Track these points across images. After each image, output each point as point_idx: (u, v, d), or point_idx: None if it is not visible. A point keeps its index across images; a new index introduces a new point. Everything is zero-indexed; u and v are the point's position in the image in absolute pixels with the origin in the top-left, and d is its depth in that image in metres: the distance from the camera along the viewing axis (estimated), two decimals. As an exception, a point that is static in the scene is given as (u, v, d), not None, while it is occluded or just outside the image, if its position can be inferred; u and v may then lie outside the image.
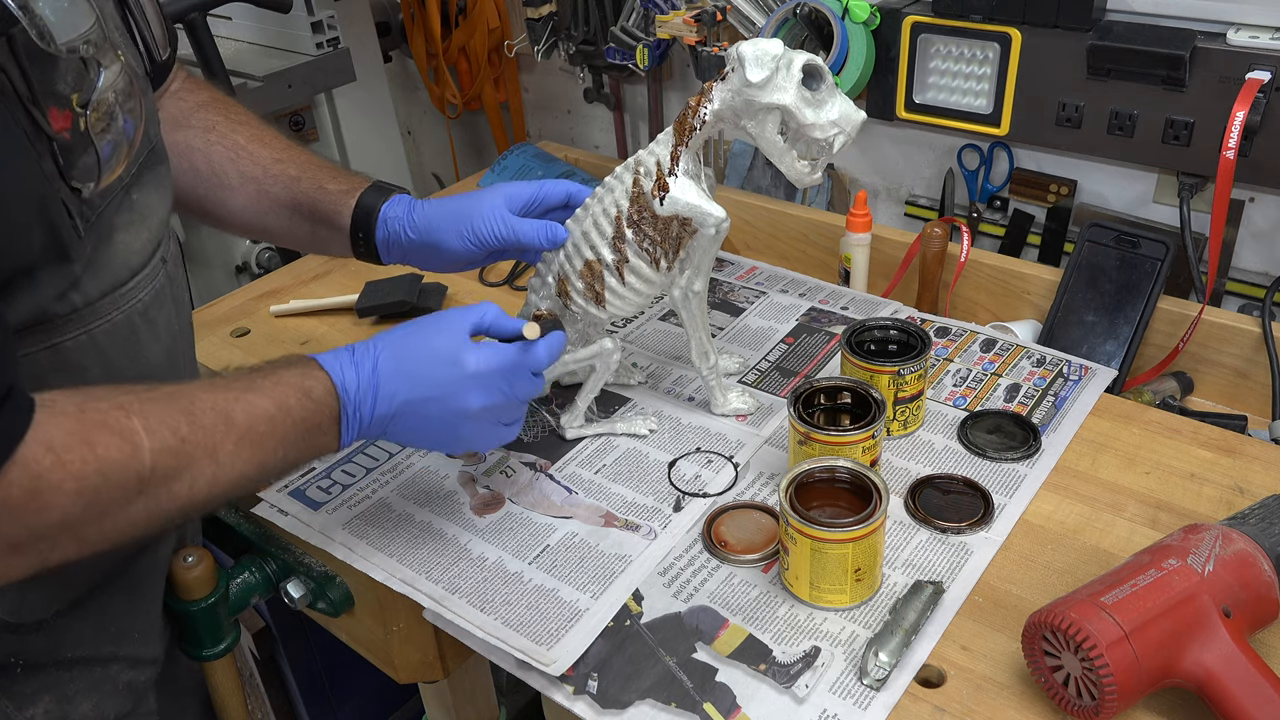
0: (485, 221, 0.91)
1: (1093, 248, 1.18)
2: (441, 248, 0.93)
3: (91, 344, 0.71)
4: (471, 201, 0.93)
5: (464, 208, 0.92)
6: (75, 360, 0.70)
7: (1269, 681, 0.67)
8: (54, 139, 0.62)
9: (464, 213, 0.92)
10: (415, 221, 0.93)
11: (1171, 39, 1.10)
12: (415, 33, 1.87)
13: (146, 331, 0.75)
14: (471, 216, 0.92)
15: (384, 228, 0.94)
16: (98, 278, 0.70)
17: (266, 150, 0.95)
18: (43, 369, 0.68)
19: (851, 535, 0.78)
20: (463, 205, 0.93)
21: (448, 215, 0.92)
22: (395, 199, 0.95)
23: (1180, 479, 0.94)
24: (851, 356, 0.98)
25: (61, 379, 0.69)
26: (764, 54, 0.84)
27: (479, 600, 0.85)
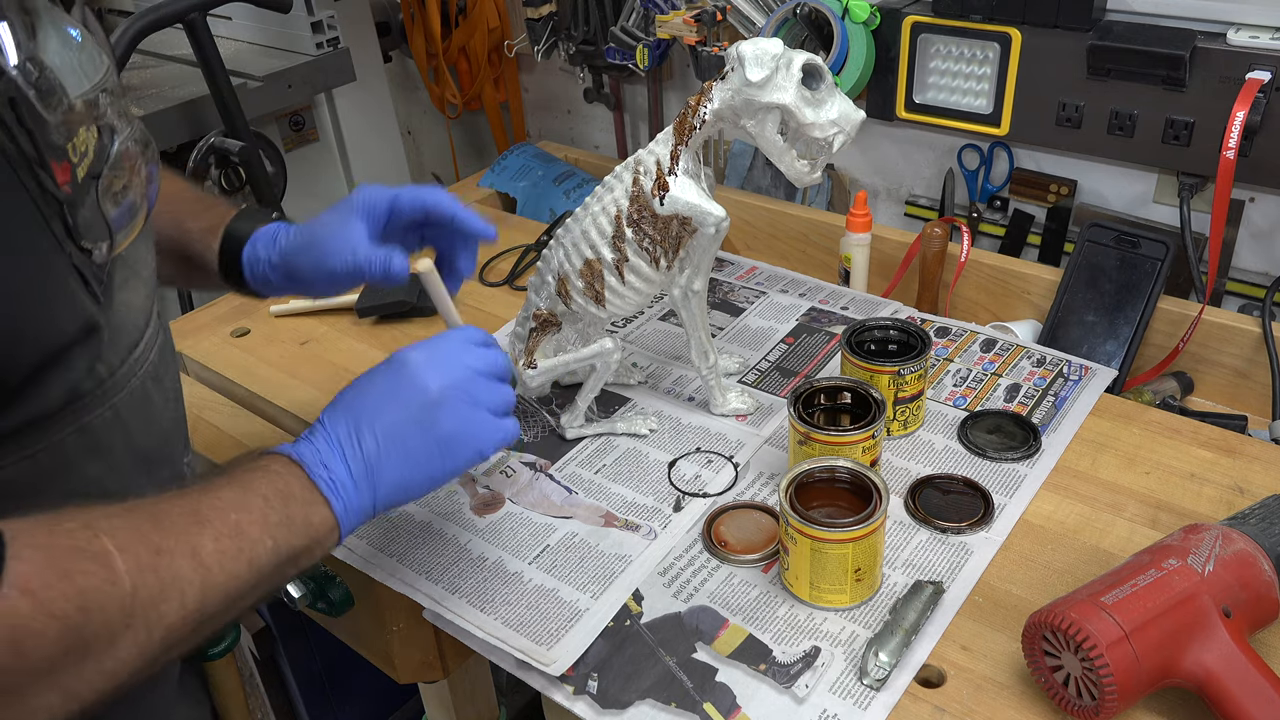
0: (334, 253, 0.81)
1: (1093, 248, 1.18)
2: (304, 282, 0.85)
3: (115, 418, 0.66)
4: (326, 231, 0.83)
5: (319, 239, 0.83)
6: (103, 439, 0.65)
7: (1269, 681, 0.67)
8: (61, 200, 0.57)
9: (317, 242, 0.83)
10: (275, 263, 0.85)
11: (1171, 39, 1.10)
12: (415, 33, 1.87)
13: (158, 394, 0.71)
14: (326, 248, 0.82)
15: (250, 270, 0.86)
16: (116, 344, 0.65)
17: None
18: (72, 454, 0.63)
19: (851, 535, 0.78)
20: (318, 237, 0.83)
21: (304, 249, 0.84)
22: (258, 236, 0.86)
23: (1180, 479, 0.94)
24: (851, 356, 0.98)
25: (91, 462, 0.64)
26: (764, 53, 0.84)
27: (479, 600, 0.85)
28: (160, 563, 0.56)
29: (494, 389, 0.74)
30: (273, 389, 1.16)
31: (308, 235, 0.84)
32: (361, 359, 1.21)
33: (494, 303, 1.31)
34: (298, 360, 1.21)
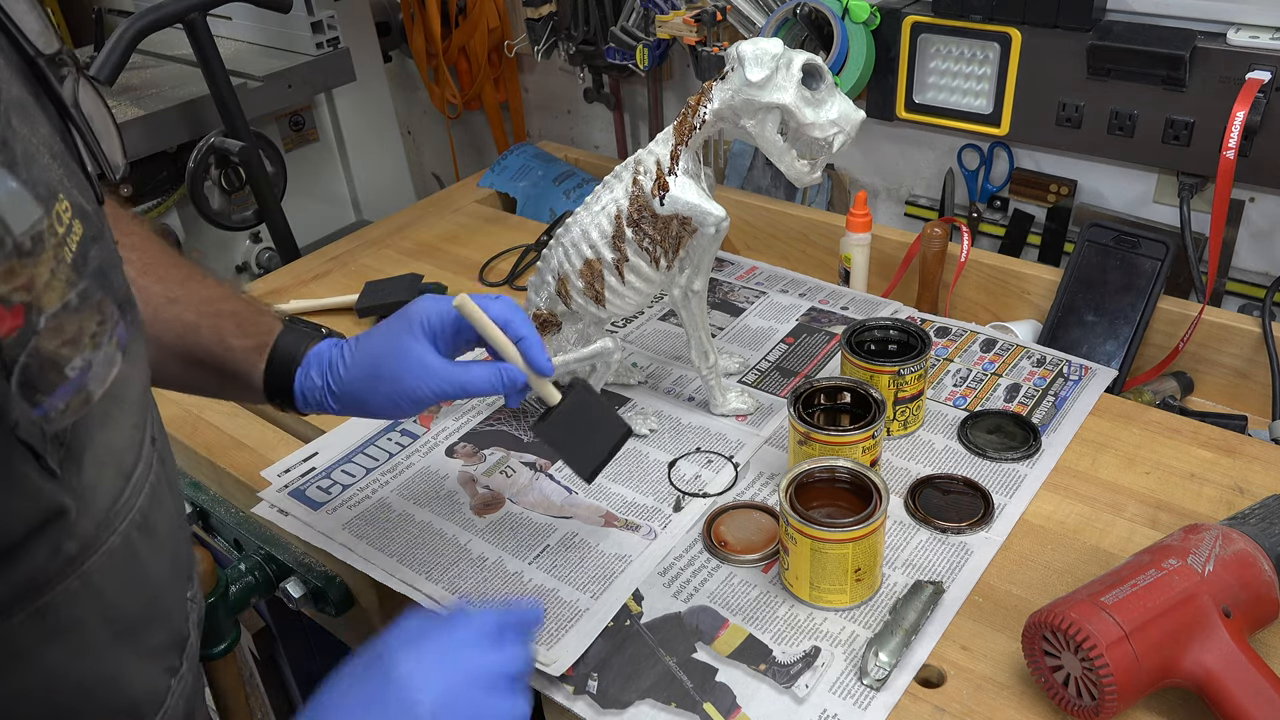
0: (422, 384, 0.75)
1: (1093, 248, 1.18)
2: (372, 415, 0.80)
3: (85, 589, 0.52)
4: (394, 360, 0.76)
5: (388, 370, 0.76)
6: (68, 616, 0.51)
7: (1269, 681, 0.67)
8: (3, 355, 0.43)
9: (392, 377, 0.76)
10: (335, 394, 0.78)
11: (1171, 39, 1.10)
12: (415, 33, 1.87)
13: (146, 545, 0.57)
14: (401, 380, 0.75)
15: (303, 399, 0.80)
16: (90, 507, 0.51)
17: (159, 285, 0.77)
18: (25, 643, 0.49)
19: (851, 535, 0.78)
20: (386, 367, 0.76)
21: (372, 379, 0.77)
22: (309, 361, 0.79)
23: (1180, 479, 0.94)
24: (851, 356, 0.98)
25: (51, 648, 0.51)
26: (764, 53, 0.84)
27: (479, 600, 0.85)
28: None
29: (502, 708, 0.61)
30: (273, 389, 1.16)
31: (370, 362, 0.77)
32: (361, 359, 1.21)
33: (494, 303, 1.31)
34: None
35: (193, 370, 0.79)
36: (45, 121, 0.51)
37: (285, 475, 1.00)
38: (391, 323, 0.78)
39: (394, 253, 1.46)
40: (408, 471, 1.00)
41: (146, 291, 0.76)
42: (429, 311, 0.76)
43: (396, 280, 1.31)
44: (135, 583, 0.56)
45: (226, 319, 0.79)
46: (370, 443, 1.04)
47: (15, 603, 0.48)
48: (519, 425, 1.06)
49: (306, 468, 1.01)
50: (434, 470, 1.00)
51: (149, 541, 0.57)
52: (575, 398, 0.79)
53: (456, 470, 1.00)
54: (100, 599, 0.53)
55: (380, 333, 0.78)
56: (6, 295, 0.42)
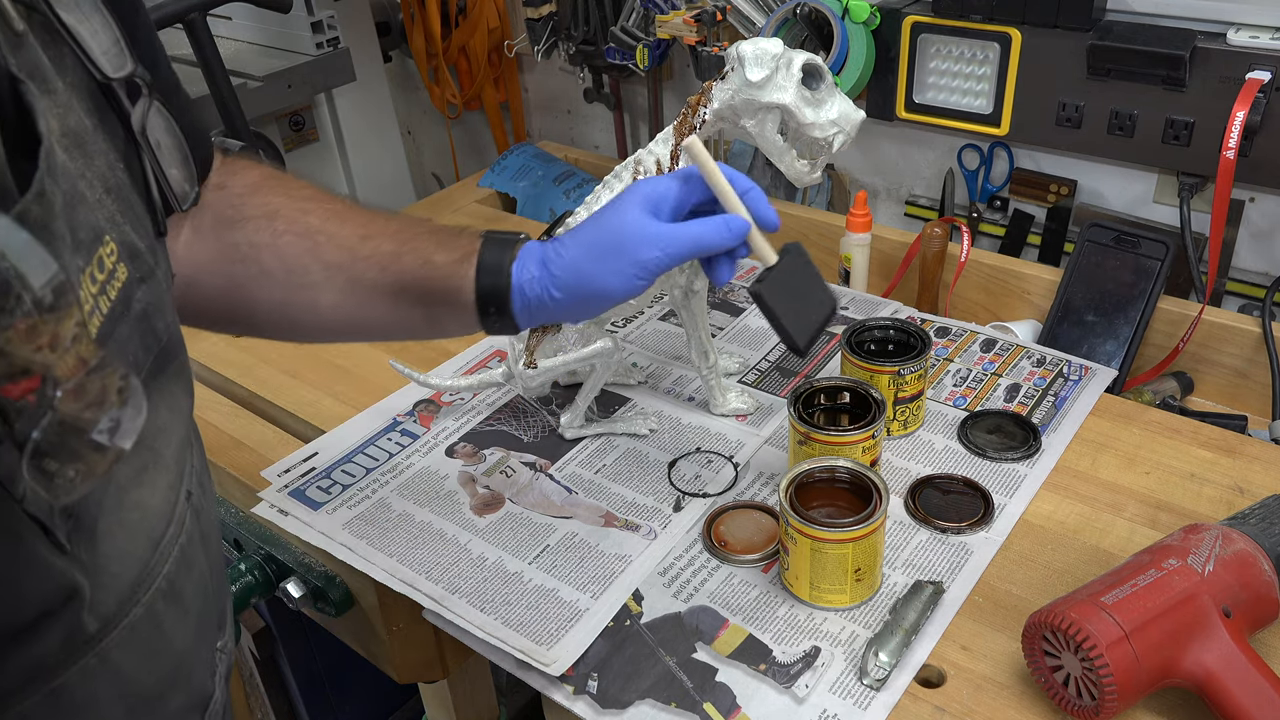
0: (654, 247, 0.72)
1: (1093, 248, 1.18)
2: (601, 295, 0.74)
3: (102, 667, 0.49)
4: (618, 231, 0.73)
5: (613, 241, 0.73)
6: (83, 696, 0.48)
7: (1269, 681, 0.67)
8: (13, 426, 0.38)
9: (616, 247, 0.73)
10: (558, 278, 0.74)
11: (1171, 39, 1.10)
12: (415, 33, 1.87)
13: (171, 613, 0.53)
14: (629, 248, 0.73)
15: (521, 297, 0.74)
16: (110, 580, 0.48)
17: (348, 228, 0.75)
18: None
19: (851, 535, 0.78)
20: (610, 238, 0.73)
21: (596, 257, 0.73)
22: (523, 256, 0.75)
23: (1180, 479, 0.94)
24: (851, 356, 0.98)
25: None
26: (764, 53, 0.84)
27: (479, 600, 0.85)
28: None
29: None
30: (273, 389, 1.16)
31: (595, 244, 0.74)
32: (361, 358, 1.21)
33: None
34: (298, 360, 1.21)
35: (400, 302, 0.75)
36: (108, 150, 0.50)
37: (285, 475, 1.00)
38: (607, 206, 0.76)
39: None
40: (408, 471, 1.00)
41: (338, 236, 0.74)
42: (645, 187, 0.75)
43: None
44: (156, 654, 0.53)
45: (425, 239, 0.75)
46: (370, 443, 1.04)
47: (27, 686, 0.46)
48: (519, 425, 1.06)
49: (306, 468, 1.01)
50: (434, 470, 1.00)
51: (174, 609, 0.54)
52: (792, 261, 0.76)
53: (456, 470, 1.00)
54: (117, 676, 0.50)
55: (597, 216, 0.76)
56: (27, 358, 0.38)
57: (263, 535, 0.99)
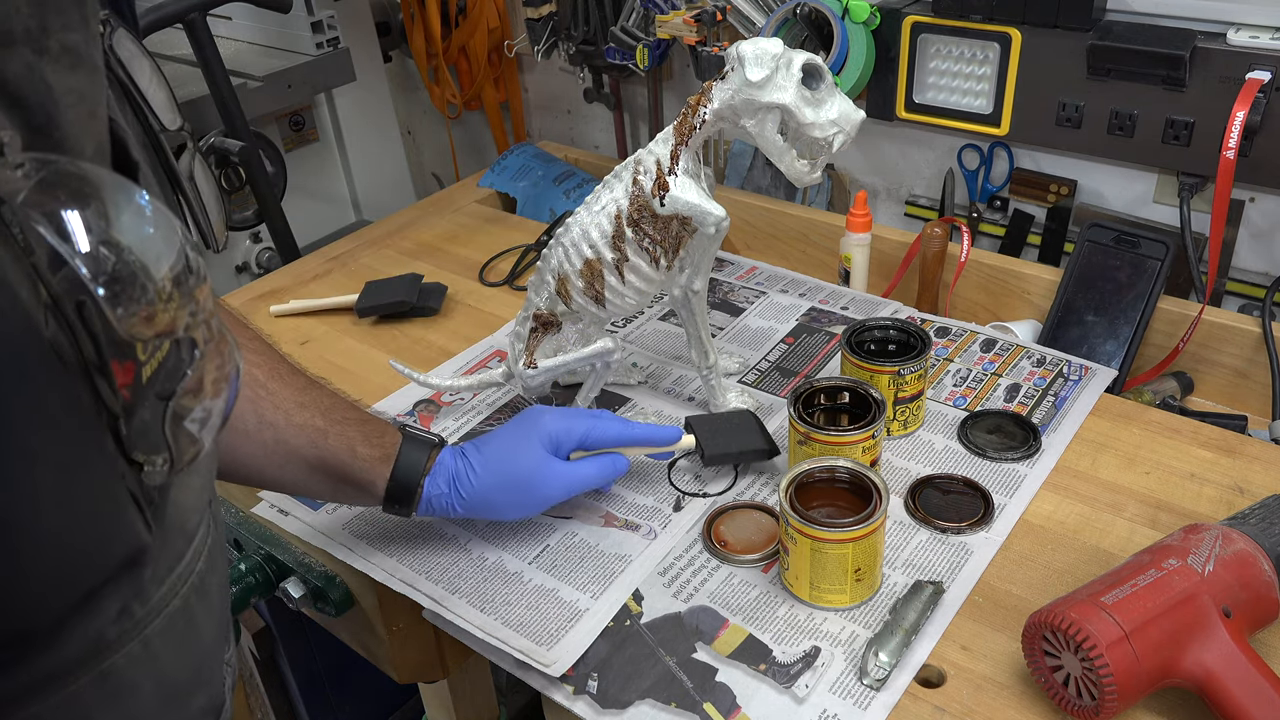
0: (553, 490, 0.86)
1: (1093, 248, 1.18)
2: (497, 517, 0.89)
3: (145, 653, 0.51)
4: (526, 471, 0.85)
5: (521, 479, 0.85)
6: (126, 682, 0.51)
7: (1269, 681, 0.67)
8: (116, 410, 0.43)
9: (523, 485, 0.85)
10: (465, 500, 0.85)
11: (1171, 39, 1.10)
12: (415, 33, 1.87)
13: (201, 608, 0.57)
14: (534, 486, 0.86)
15: (426, 505, 0.85)
16: (158, 569, 0.52)
17: (288, 390, 0.81)
18: (87, 707, 0.49)
19: (851, 535, 0.78)
20: (517, 477, 0.85)
21: (502, 489, 0.85)
22: (435, 471, 0.84)
23: (1180, 479, 0.94)
24: (851, 356, 0.98)
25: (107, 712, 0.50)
26: (764, 53, 0.83)
27: (479, 600, 0.85)
28: None
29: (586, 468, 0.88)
30: (273, 389, 1.16)
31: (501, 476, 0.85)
32: (361, 359, 1.21)
33: (494, 303, 1.32)
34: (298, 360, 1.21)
35: (315, 475, 0.82)
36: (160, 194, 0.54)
37: (285, 475, 1.00)
38: (515, 435, 0.87)
39: (394, 253, 1.46)
40: (408, 471, 1.00)
41: (278, 395, 0.80)
42: (550, 425, 0.87)
43: (397, 280, 1.31)
44: (188, 648, 0.56)
45: (353, 427, 0.83)
46: (370, 443, 1.04)
47: (85, 661, 0.48)
48: None
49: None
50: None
51: (203, 605, 0.57)
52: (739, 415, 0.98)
53: (456, 470, 1.00)
54: (156, 663, 0.53)
55: (506, 446, 0.86)
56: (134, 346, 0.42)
57: (263, 535, 0.99)
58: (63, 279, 0.39)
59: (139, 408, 0.44)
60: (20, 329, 0.38)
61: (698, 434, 0.94)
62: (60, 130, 0.44)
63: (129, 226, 0.43)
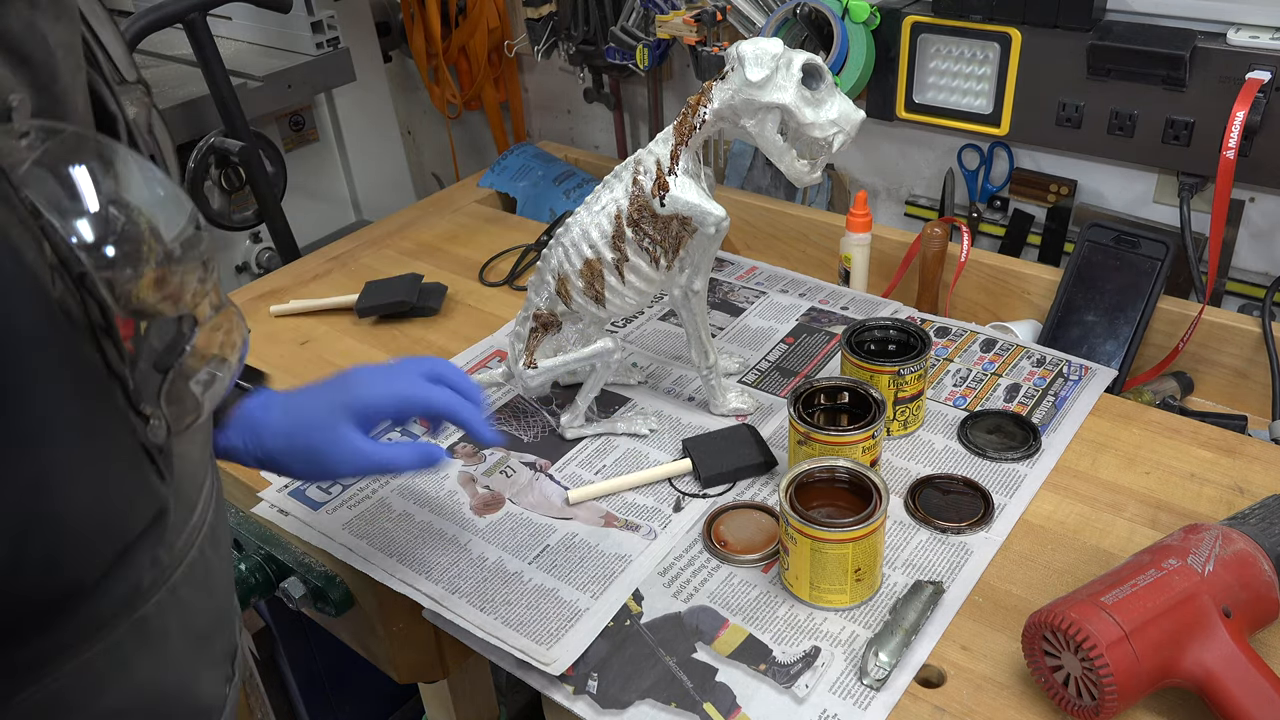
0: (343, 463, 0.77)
1: (1093, 248, 1.18)
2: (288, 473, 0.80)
3: (173, 599, 0.55)
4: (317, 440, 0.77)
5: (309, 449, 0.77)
6: (158, 628, 0.55)
7: (1269, 681, 0.67)
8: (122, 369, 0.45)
9: (309, 455, 0.77)
10: (258, 459, 0.78)
11: (1171, 39, 1.10)
12: (415, 33, 1.87)
13: (215, 556, 0.60)
14: (322, 462, 0.77)
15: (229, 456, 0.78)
16: (176, 520, 0.55)
17: None
18: (127, 652, 0.53)
19: (851, 535, 0.78)
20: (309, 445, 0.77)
21: (290, 453, 0.77)
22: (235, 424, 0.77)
23: (1180, 479, 0.94)
24: (851, 356, 0.98)
25: (145, 658, 0.54)
26: (764, 53, 0.84)
27: (479, 600, 0.85)
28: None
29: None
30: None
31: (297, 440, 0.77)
32: (361, 359, 1.21)
33: (494, 303, 1.32)
34: (298, 360, 1.21)
35: None
36: None
37: (285, 475, 1.00)
38: (320, 399, 0.78)
39: (394, 253, 1.46)
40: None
41: None
42: (367, 404, 0.78)
43: (397, 280, 1.31)
44: (207, 592, 0.59)
45: None
46: (370, 443, 1.04)
47: (120, 613, 0.51)
48: (519, 425, 1.06)
49: None
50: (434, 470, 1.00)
51: (216, 553, 0.60)
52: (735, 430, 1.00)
53: (456, 470, 1.00)
54: (183, 610, 0.56)
55: (308, 410, 0.78)
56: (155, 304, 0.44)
57: (263, 535, 0.99)
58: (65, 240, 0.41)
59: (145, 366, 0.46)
60: (28, 290, 0.40)
61: (694, 456, 0.97)
62: (60, 85, 0.45)
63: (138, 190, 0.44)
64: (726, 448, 0.98)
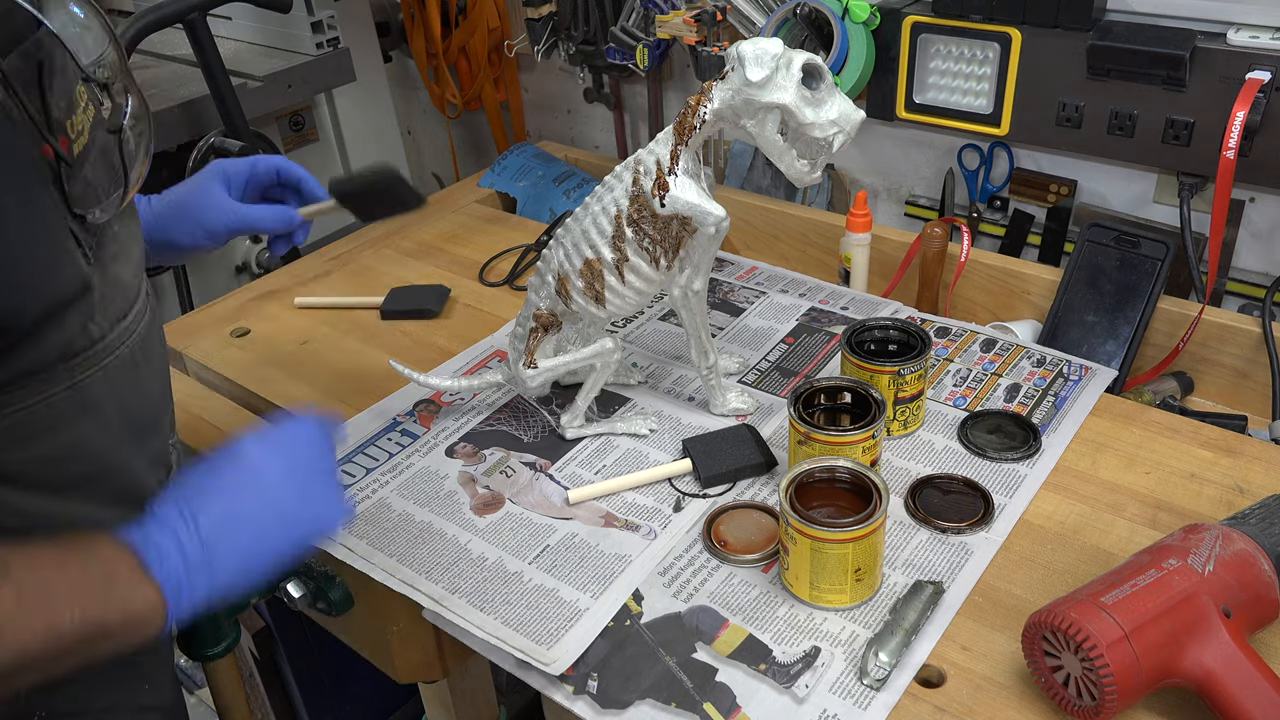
0: (214, 216, 0.94)
1: (1093, 248, 1.18)
2: (174, 244, 0.95)
3: (105, 379, 0.69)
4: (196, 197, 0.95)
5: (190, 203, 0.94)
6: (93, 398, 0.68)
7: (1269, 681, 0.67)
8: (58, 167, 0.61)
9: (190, 209, 0.94)
10: (151, 232, 0.92)
11: (1171, 39, 1.10)
12: (415, 33, 1.87)
13: (146, 367, 0.75)
14: (200, 213, 0.94)
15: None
16: (106, 309, 0.69)
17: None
18: (64, 412, 0.66)
19: (851, 535, 0.78)
20: (189, 200, 0.95)
21: (174, 214, 0.94)
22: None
23: (1180, 479, 0.94)
24: (851, 356, 0.98)
25: (83, 420, 0.68)
26: (764, 53, 0.84)
27: (479, 600, 0.85)
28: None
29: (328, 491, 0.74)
30: (273, 389, 1.16)
31: (174, 202, 0.94)
32: (361, 359, 1.21)
33: (494, 303, 1.32)
34: (298, 360, 1.21)
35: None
36: None
37: (285, 475, 1.00)
38: (195, 176, 0.97)
39: (394, 252, 1.46)
40: (408, 471, 1.00)
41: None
42: (228, 165, 0.97)
43: (424, 289, 1.31)
44: (139, 392, 0.73)
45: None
46: (370, 443, 1.04)
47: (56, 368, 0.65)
48: (519, 425, 1.06)
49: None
50: (434, 470, 1.00)
51: (148, 366, 0.75)
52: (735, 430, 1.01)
53: (456, 470, 1.00)
54: (116, 393, 0.70)
55: (186, 182, 0.97)
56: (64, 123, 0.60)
57: (263, 535, 0.99)
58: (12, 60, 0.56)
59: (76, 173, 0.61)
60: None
61: (694, 456, 0.97)
62: None
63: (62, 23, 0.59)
64: (726, 448, 0.98)
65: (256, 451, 0.71)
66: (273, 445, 0.72)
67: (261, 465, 0.70)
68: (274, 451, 0.72)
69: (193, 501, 0.66)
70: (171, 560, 0.63)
